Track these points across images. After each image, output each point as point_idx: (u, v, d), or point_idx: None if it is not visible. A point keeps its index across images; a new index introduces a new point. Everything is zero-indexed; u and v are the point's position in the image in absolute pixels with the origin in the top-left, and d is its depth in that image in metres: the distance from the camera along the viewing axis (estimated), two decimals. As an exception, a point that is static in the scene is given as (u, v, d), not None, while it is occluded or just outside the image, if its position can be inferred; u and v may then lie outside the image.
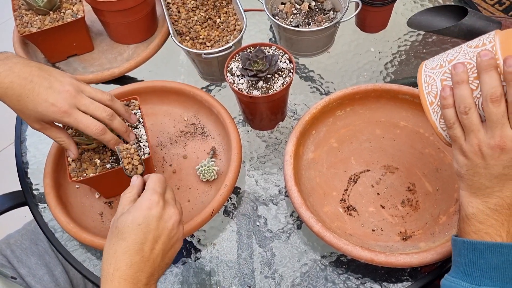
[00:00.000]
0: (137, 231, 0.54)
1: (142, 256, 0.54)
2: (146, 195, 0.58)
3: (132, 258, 0.53)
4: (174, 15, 0.92)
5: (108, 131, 0.67)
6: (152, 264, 0.55)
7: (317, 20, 0.89)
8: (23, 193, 0.85)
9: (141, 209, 0.56)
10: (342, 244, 0.68)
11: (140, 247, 0.54)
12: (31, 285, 0.87)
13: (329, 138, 0.83)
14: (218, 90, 0.93)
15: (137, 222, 0.55)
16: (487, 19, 0.89)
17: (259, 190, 0.82)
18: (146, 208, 0.56)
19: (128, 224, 0.55)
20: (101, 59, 0.97)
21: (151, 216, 0.56)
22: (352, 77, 0.93)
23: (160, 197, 0.58)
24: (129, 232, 0.54)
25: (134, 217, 0.55)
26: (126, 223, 0.55)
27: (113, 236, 0.56)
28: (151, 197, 0.57)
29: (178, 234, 0.59)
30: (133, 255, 0.54)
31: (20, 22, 0.88)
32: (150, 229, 0.55)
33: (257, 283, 0.74)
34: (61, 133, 0.69)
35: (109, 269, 0.53)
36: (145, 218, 0.55)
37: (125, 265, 0.53)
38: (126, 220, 0.55)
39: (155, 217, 0.56)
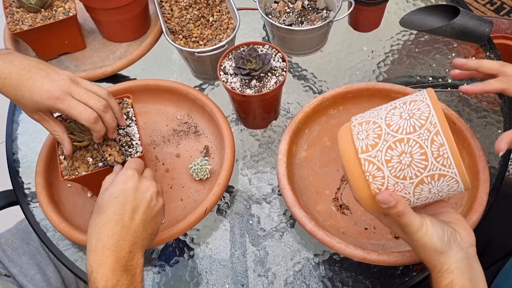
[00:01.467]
0: (115, 203, 0.57)
1: (123, 226, 0.57)
2: (122, 172, 0.61)
3: (112, 228, 0.56)
4: (167, 13, 0.91)
5: (100, 121, 0.67)
6: (134, 233, 0.57)
7: (310, 19, 0.89)
8: (14, 192, 0.85)
9: (117, 183, 0.59)
10: (335, 243, 0.68)
11: (119, 218, 0.57)
12: (22, 284, 0.86)
13: (322, 137, 0.83)
14: (211, 89, 0.93)
15: (114, 195, 0.58)
16: (479, 19, 0.90)
17: (252, 189, 0.82)
18: (122, 182, 0.59)
19: (106, 198, 0.58)
20: (93, 57, 0.96)
21: (128, 188, 0.59)
22: (345, 76, 0.93)
23: (134, 171, 0.61)
24: (108, 205, 0.57)
25: (111, 192, 0.59)
26: (105, 198, 0.58)
27: (94, 212, 0.59)
28: (125, 172, 0.61)
29: (158, 205, 0.61)
30: (113, 225, 0.56)
31: (11, 19, 0.87)
32: (128, 200, 0.58)
33: (250, 282, 0.74)
34: (57, 127, 0.69)
35: (92, 240, 0.56)
36: (122, 191, 0.58)
37: (106, 236, 0.56)
38: (104, 196, 0.59)
39: (132, 189, 0.59)
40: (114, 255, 0.55)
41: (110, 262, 0.55)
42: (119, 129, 0.73)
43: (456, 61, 0.71)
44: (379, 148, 0.53)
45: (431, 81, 0.90)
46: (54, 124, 0.69)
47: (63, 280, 0.90)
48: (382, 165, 0.53)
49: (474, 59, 0.63)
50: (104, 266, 0.54)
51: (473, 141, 0.75)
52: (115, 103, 0.70)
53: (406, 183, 0.53)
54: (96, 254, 0.55)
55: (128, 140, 0.72)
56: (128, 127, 0.74)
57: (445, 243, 0.55)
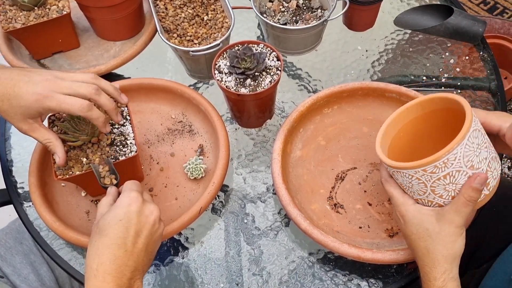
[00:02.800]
0: (119, 226, 0.55)
1: (126, 250, 0.54)
2: (125, 194, 0.59)
3: (115, 252, 0.54)
4: (161, 12, 0.91)
5: (94, 107, 0.65)
6: (136, 258, 0.55)
7: (305, 18, 0.89)
8: (7, 191, 0.84)
9: (121, 206, 0.57)
10: (329, 241, 0.69)
11: (122, 241, 0.54)
12: (16, 284, 0.86)
13: (316, 136, 0.83)
14: (205, 88, 0.93)
15: (118, 218, 0.56)
16: (472, 19, 0.91)
17: (247, 188, 0.82)
18: (126, 205, 0.57)
19: (109, 221, 0.56)
20: (87, 56, 0.95)
21: (132, 211, 0.56)
22: (340, 75, 0.93)
23: (138, 194, 0.59)
24: (111, 228, 0.55)
25: (115, 214, 0.56)
26: (107, 220, 0.56)
27: (94, 235, 0.56)
28: (129, 194, 0.58)
29: (160, 230, 0.60)
30: (116, 249, 0.54)
31: (4, 17, 0.87)
32: (132, 223, 0.56)
33: (245, 281, 0.74)
34: (49, 134, 0.66)
35: (93, 265, 0.53)
36: (126, 214, 0.56)
37: (108, 260, 0.53)
38: (106, 218, 0.56)
39: (136, 212, 0.57)
40: (115, 281, 0.53)
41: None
42: (113, 128, 0.73)
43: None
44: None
45: (425, 81, 0.91)
46: (46, 132, 0.66)
47: (56, 280, 0.89)
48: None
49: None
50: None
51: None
52: (105, 83, 0.67)
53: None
54: (97, 279, 0.52)
55: (123, 139, 0.72)
56: (123, 126, 0.73)
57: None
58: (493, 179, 0.59)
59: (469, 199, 0.56)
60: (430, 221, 0.58)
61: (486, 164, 0.58)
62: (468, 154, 0.55)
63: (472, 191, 0.56)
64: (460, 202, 0.56)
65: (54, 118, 0.72)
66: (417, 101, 0.65)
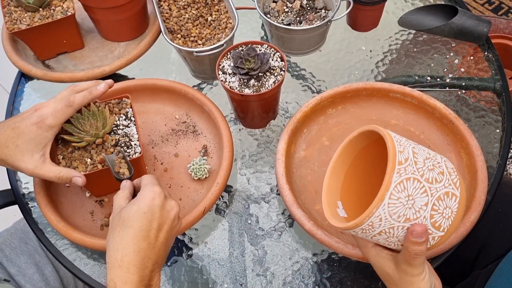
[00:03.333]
0: (143, 218, 0.56)
1: (149, 243, 0.55)
2: (148, 188, 0.59)
3: (139, 244, 0.55)
4: (165, 12, 0.91)
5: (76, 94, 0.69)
6: (157, 251, 0.56)
7: (309, 18, 0.89)
8: (12, 191, 0.85)
9: (144, 199, 0.58)
10: (333, 242, 0.68)
11: (146, 234, 0.55)
12: (21, 284, 0.86)
13: (320, 137, 0.83)
14: (209, 88, 0.93)
15: (142, 210, 0.56)
16: (477, 19, 0.90)
17: (251, 188, 0.82)
18: (150, 198, 0.58)
19: (133, 213, 0.56)
20: (91, 57, 0.96)
21: (155, 205, 0.57)
22: (344, 75, 0.93)
23: (161, 189, 0.60)
24: (135, 220, 0.56)
25: (139, 207, 0.57)
26: (131, 212, 0.56)
27: (117, 226, 0.57)
28: (153, 188, 0.59)
29: (178, 225, 0.61)
30: (140, 241, 0.55)
31: (9, 19, 0.87)
32: (155, 217, 0.57)
33: (249, 281, 0.74)
34: (55, 167, 0.67)
35: (117, 256, 0.54)
36: (150, 207, 0.57)
37: (133, 251, 0.54)
38: (130, 210, 0.57)
39: (159, 206, 0.58)
40: (139, 273, 0.54)
41: (135, 281, 0.53)
42: (118, 129, 0.73)
43: None
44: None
45: (430, 81, 0.91)
46: (51, 166, 0.67)
47: (61, 280, 0.90)
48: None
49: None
50: (130, 284, 0.53)
51: (471, 140, 0.75)
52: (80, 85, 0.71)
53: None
54: (122, 269, 0.53)
55: (127, 140, 0.72)
56: (127, 128, 0.73)
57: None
58: (445, 219, 0.53)
59: (414, 252, 0.52)
60: (389, 266, 0.56)
61: (429, 209, 0.51)
62: (396, 211, 0.50)
63: (413, 244, 0.52)
64: (407, 255, 0.53)
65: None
66: (347, 140, 0.59)
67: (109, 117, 0.72)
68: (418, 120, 0.82)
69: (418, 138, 0.81)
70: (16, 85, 0.96)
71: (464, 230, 0.69)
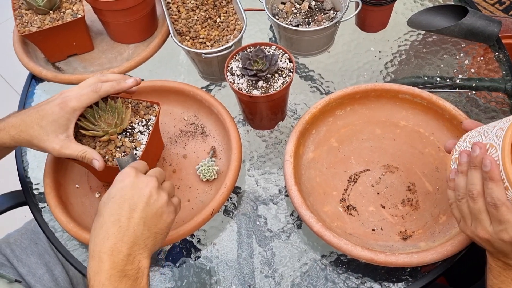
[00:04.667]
0: (111, 203, 0.55)
1: (120, 227, 0.54)
2: (122, 171, 0.59)
3: (108, 230, 0.53)
4: (174, 14, 0.92)
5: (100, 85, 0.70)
6: (133, 233, 0.54)
7: (317, 19, 0.89)
8: (23, 192, 0.85)
9: (114, 183, 0.58)
10: (342, 244, 0.68)
11: (116, 218, 0.54)
12: (30, 284, 0.87)
13: (329, 138, 0.83)
14: (218, 90, 0.93)
15: (111, 196, 0.56)
16: (487, 19, 0.89)
17: (259, 189, 0.82)
18: (118, 181, 0.57)
19: (104, 200, 0.56)
20: (101, 59, 0.97)
21: (124, 186, 0.56)
22: (352, 76, 0.93)
23: (131, 169, 0.59)
24: (104, 207, 0.55)
25: (109, 193, 0.57)
26: (103, 201, 0.57)
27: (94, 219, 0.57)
28: (122, 171, 0.59)
29: (161, 200, 0.58)
30: (110, 227, 0.54)
31: (20, 21, 0.88)
32: (125, 199, 0.55)
33: (257, 283, 0.74)
34: (81, 146, 0.69)
35: (90, 247, 0.53)
36: (118, 190, 0.56)
37: (101, 239, 0.53)
38: (102, 199, 0.57)
39: (128, 187, 0.56)
40: (111, 259, 0.52)
41: (106, 268, 0.51)
42: (133, 132, 0.72)
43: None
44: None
45: (439, 82, 0.90)
46: (77, 145, 0.69)
47: (71, 280, 0.90)
48: None
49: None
50: (101, 273, 0.51)
51: (482, 142, 0.75)
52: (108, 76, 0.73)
53: None
54: (94, 260, 0.52)
55: (132, 147, 0.71)
56: (140, 134, 0.73)
57: None
58: None
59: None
60: None
61: None
62: None
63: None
64: None
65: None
66: None
67: (127, 119, 0.72)
68: (427, 121, 0.82)
69: (428, 139, 0.81)
70: (27, 87, 0.98)
71: (475, 232, 0.68)
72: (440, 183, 0.76)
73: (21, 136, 0.68)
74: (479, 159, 0.55)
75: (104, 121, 0.71)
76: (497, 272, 0.59)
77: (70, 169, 0.82)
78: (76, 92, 0.70)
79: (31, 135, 0.68)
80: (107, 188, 0.79)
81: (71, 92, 0.70)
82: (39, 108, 0.69)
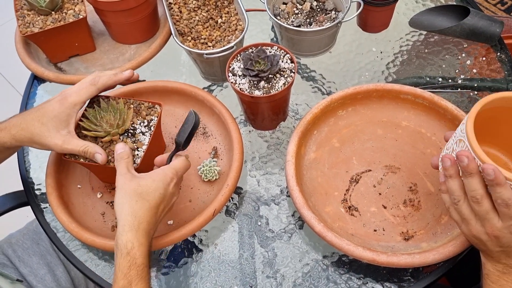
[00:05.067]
0: (158, 198, 0.65)
1: (156, 219, 0.65)
2: (172, 172, 0.67)
3: (151, 217, 0.64)
4: (175, 15, 0.92)
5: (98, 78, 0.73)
6: (156, 223, 0.66)
7: (319, 20, 0.89)
8: (25, 193, 0.86)
9: (164, 181, 0.66)
10: (344, 244, 0.68)
11: (156, 210, 0.65)
12: (32, 284, 0.87)
13: (330, 138, 0.83)
14: (219, 90, 0.93)
15: (159, 191, 0.65)
16: (489, 19, 0.89)
17: (261, 190, 0.82)
18: (167, 183, 0.66)
19: (152, 190, 0.64)
20: (103, 59, 0.97)
21: (168, 191, 0.66)
22: (354, 77, 0.93)
23: (178, 179, 0.68)
24: (152, 197, 0.64)
25: (158, 187, 0.65)
26: (151, 189, 0.64)
27: (134, 194, 0.64)
28: (174, 176, 0.67)
29: (176, 200, 0.70)
30: (152, 215, 0.64)
31: (22, 22, 0.88)
32: (165, 199, 0.66)
33: (259, 283, 0.74)
34: (82, 141, 0.70)
35: (134, 222, 0.62)
36: (165, 190, 0.66)
37: (146, 221, 0.63)
38: (150, 186, 0.64)
39: (170, 193, 0.67)
40: (148, 238, 0.63)
41: (147, 245, 0.63)
42: (135, 133, 0.73)
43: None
44: None
45: (441, 82, 0.90)
46: (78, 140, 0.70)
47: (72, 281, 0.91)
48: None
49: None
50: (144, 246, 0.62)
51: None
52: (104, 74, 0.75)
53: None
54: (138, 233, 0.62)
55: (134, 148, 0.71)
56: (142, 135, 0.72)
57: None
58: None
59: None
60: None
61: None
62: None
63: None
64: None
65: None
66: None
67: (129, 119, 0.72)
68: (429, 121, 0.82)
69: (430, 139, 0.80)
70: (29, 87, 0.98)
71: (477, 232, 0.68)
72: (442, 184, 0.76)
73: (22, 134, 0.69)
74: (472, 167, 0.56)
75: (106, 121, 0.71)
76: (496, 277, 0.60)
77: (72, 169, 0.82)
78: (75, 88, 0.72)
79: (32, 132, 0.69)
80: (109, 189, 0.79)
81: (70, 89, 0.72)
82: (39, 107, 0.71)
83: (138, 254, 0.61)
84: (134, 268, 0.60)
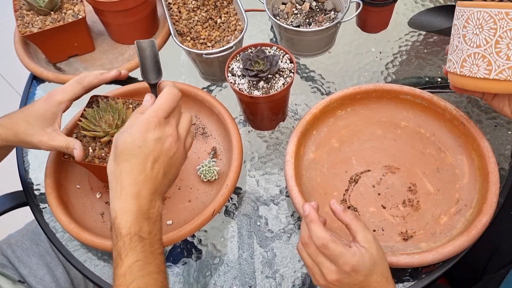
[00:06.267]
0: (138, 152, 0.57)
1: (145, 175, 0.58)
2: (146, 116, 0.59)
3: (135, 178, 0.57)
4: (175, 15, 0.92)
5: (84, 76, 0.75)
6: (154, 181, 0.58)
7: (318, 20, 0.89)
8: (24, 193, 0.85)
9: (140, 131, 0.58)
10: (343, 244, 0.68)
11: (142, 167, 0.57)
12: (32, 285, 0.87)
13: (330, 138, 0.83)
14: (219, 90, 0.93)
15: (137, 144, 0.57)
16: (488, 19, 0.89)
17: (260, 190, 0.82)
18: (144, 131, 0.58)
19: (129, 146, 0.57)
20: (102, 59, 0.97)
21: (149, 139, 0.58)
22: (353, 77, 0.93)
23: (158, 119, 0.59)
24: (131, 154, 0.57)
25: (134, 139, 0.57)
26: (127, 145, 0.57)
27: (116, 156, 0.58)
28: (150, 119, 0.58)
29: (178, 152, 0.61)
30: (136, 175, 0.57)
31: (21, 22, 0.88)
32: (150, 150, 0.58)
33: (258, 283, 0.74)
34: (66, 137, 0.71)
35: (117, 187, 0.57)
36: (144, 141, 0.58)
37: (129, 184, 0.57)
38: (126, 142, 0.58)
39: (153, 140, 0.58)
40: (136, 203, 0.57)
41: (133, 210, 0.56)
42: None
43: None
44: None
45: (440, 82, 0.90)
46: (63, 137, 0.71)
47: (72, 281, 0.91)
48: None
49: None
50: (128, 213, 0.56)
51: (483, 142, 0.75)
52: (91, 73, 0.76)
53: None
54: (121, 200, 0.57)
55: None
56: None
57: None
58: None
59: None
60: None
61: None
62: None
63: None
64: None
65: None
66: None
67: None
68: (428, 121, 0.82)
69: (429, 139, 0.81)
70: (28, 87, 0.98)
71: (476, 233, 0.68)
72: (441, 184, 0.76)
73: (9, 133, 0.71)
74: (302, 211, 0.58)
75: (105, 121, 0.71)
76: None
77: (71, 169, 0.82)
78: (61, 87, 0.73)
79: (18, 131, 0.70)
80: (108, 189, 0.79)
81: (57, 88, 0.73)
82: (26, 107, 0.73)
83: (122, 223, 0.56)
84: (121, 239, 0.56)
